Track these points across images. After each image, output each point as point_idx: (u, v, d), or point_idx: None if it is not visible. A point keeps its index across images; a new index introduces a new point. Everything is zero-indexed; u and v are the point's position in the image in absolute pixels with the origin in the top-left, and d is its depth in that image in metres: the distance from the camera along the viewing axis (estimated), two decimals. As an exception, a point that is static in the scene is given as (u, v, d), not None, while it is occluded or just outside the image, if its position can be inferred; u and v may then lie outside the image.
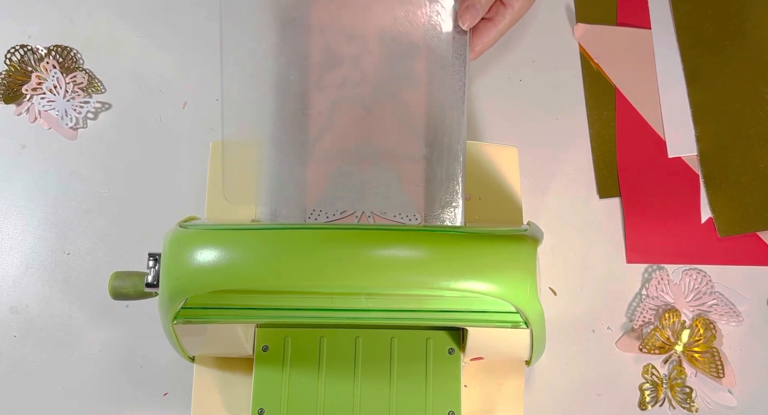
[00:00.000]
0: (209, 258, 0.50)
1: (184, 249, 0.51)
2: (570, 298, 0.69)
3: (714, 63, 0.74)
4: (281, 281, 0.50)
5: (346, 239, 0.51)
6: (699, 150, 0.72)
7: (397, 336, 0.62)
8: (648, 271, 0.70)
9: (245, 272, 0.50)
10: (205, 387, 0.64)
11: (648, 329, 0.68)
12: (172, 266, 0.51)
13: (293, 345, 0.62)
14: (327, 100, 0.62)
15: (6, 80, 0.74)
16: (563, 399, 0.67)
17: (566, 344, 0.68)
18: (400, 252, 0.50)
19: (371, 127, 0.63)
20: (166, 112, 0.73)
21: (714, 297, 0.69)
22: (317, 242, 0.50)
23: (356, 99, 0.63)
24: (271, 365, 0.62)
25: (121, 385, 0.67)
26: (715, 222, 0.71)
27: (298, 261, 0.50)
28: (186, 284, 0.51)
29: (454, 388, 0.61)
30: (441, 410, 0.61)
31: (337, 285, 0.54)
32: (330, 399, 0.61)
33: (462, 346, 0.62)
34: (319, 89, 0.62)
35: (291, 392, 0.61)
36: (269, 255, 0.50)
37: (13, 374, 0.68)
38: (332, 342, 0.62)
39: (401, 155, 0.63)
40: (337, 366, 0.61)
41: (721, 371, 0.66)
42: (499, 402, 0.64)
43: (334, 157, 0.63)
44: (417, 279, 0.51)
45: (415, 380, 0.61)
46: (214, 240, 0.51)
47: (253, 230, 0.53)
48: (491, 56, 0.75)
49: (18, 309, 0.69)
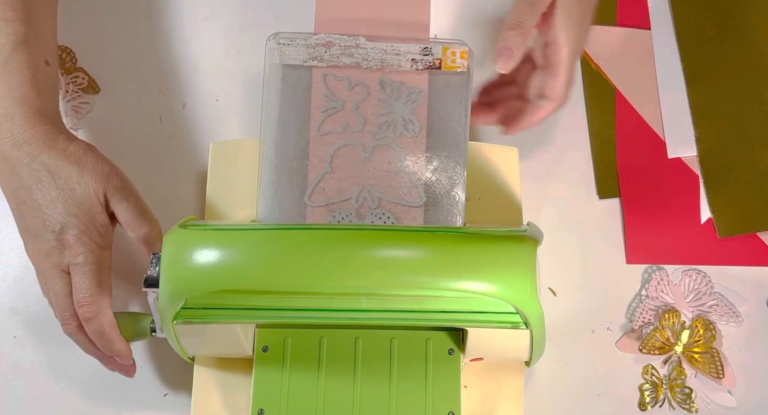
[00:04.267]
0: (209, 258, 0.50)
1: (184, 250, 0.51)
2: (570, 298, 0.69)
3: (714, 63, 0.74)
4: (281, 282, 0.50)
5: (345, 239, 0.51)
6: (699, 151, 0.72)
7: (397, 337, 0.62)
8: (648, 271, 0.70)
9: (245, 272, 0.50)
10: (205, 387, 0.64)
11: (648, 330, 0.68)
12: (172, 266, 0.51)
13: (293, 346, 0.62)
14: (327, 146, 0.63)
15: (6, 81, 0.73)
16: (563, 400, 0.67)
17: (566, 344, 0.68)
18: (399, 252, 0.50)
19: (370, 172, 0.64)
20: (166, 113, 0.73)
21: (714, 298, 0.69)
22: (317, 242, 0.50)
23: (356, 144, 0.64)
24: (271, 366, 0.62)
25: (121, 386, 0.67)
26: (714, 222, 0.71)
27: (298, 261, 0.50)
28: (186, 285, 0.51)
29: (453, 388, 0.61)
30: (441, 410, 0.61)
31: (337, 285, 0.54)
32: (330, 399, 0.61)
33: (462, 347, 0.62)
34: (320, 135, 0.63)
35: (291, 392, 0.61)
36: (269, 255, 0.50)
37: (14, 374, 0.68)
38: (332, 343, 0.62)
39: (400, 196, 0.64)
40: (337, 367, 0.61)
41: (720, 371, 0.66)
42: (499, 403, 0.64)
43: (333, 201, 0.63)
44: (417, 279, 0.51)
45: (415, 380, 0.61)
46: (213, 240, 0.51)
47: (253, 230, 0.53)
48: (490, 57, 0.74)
49: (18, 310, 0.69)
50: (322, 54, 0.64)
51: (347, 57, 0.64)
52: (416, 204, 0.64)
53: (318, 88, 0.63)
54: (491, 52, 0.69)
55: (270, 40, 0.64)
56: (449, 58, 0.64)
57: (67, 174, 0.59)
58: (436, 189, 0.64)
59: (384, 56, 0.64)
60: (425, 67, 0.64)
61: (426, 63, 0.64)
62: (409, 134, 0.64)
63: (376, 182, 0.63)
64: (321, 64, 0.64)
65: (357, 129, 0.64)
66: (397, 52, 0.64)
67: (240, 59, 0.75)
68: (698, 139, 0.73)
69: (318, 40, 0.64)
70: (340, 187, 0.63)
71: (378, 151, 0.64)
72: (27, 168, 0.58)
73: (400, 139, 0.64)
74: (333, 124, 0.64)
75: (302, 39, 0.64)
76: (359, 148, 0.63)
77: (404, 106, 0.63)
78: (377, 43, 0.64)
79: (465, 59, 0.64)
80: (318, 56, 0.64)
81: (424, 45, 0.64)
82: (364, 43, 0.64)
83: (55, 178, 0.58)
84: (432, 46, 0.64)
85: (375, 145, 0.64)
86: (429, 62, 0.64)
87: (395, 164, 0.63)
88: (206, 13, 0.76)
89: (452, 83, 0.64)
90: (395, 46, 0.64)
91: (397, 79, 0.64)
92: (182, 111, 0.73)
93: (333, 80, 0.63)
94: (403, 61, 0.64)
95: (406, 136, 0.64)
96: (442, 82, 0.64)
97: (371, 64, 0.64)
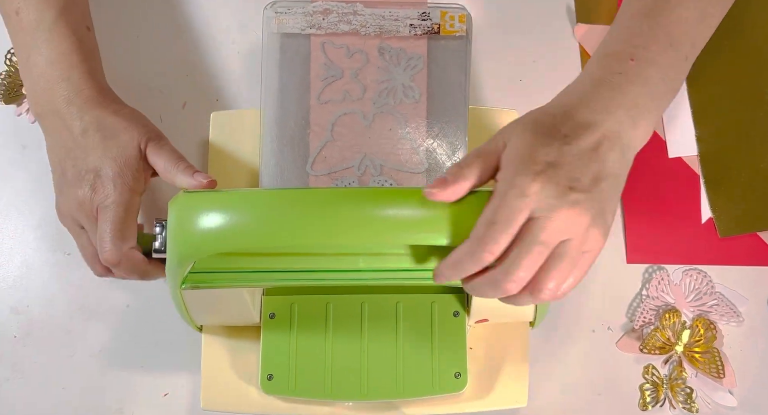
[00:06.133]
0: (215, 220, 0.50)
1: (190, 212, 0.51)
2: (570, 298, 0.69)
3: (714, 63, 0.74)
4: (285, 240, 0.50)
5: (348, 196, 0.50)
6: (699, 150, 0.72)
7: (403, 301, 0.62)
8: (648, 271, 0.70)
9: (251, 231, 0.50)
10: (214, 356, 0.64)
11: (648, 330, 0.68)
12: (179, 229, 0.51)
13: (300, 312, 0.62)
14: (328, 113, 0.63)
15: (6, 80, 0.74)
16: (563, 399, 0.67)
17: (566, 344, 0.68)
18: (401, 210, 0.50)
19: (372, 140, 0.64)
20: (167, 112, 0.73)
21: (714, 297, 0.69)
22: (320, 200, 0.50)
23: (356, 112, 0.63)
24: (279, 332, 0.62)
25: (121, 385, 0.67)
26: (715, 222, 0.71)
27: (301, 219, 0.50)
28: (193, 247, 0.51)
29: (459, 350, 0.62)
30: (447, 371, 0.61)
31: (340, 242, 0.53)
32: (337, 363, 0.62)
33: (467, 309, 0.62)
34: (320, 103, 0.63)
35: (299, 357, 0.62)
36: (273, 214, 0.50)
37: (14, 374, 0.68)
38: (338, 308, 0.62)
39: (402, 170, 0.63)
40: (344, 331, 0.62)
41: (721, 371, 0.66)
42: (504, 363, 0.64)
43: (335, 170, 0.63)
44: (416, 236, 0.50)
45: (421, 343, 0.62)
46: (219, 202, 0.51)
47: (257, 192, 0.53)
48: (491, 57, 0.74)
49: (19, 310, 0.69)
50: (320, 22, 0.63)
51: (345, 24, 0.63)
52: (418, 170, 0.64)
53: (317, 56, 0.63)
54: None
55: (267, 9, 0.64)
56: (447, 22, 0.64)
57: (114, 124, 0.62)
58: (437, 155, 0.63)
59: (382, 22, 0.63)
60: (424, 33, 0.63)
61: (424, 28, 0.63)
62: (409, 101, 0.64)
63: (378, 150, 0.63)
64: (319, 32, 0.64)
65: (357, 97, 0.64)
66: (395, 18, 0.63)
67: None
68: (699, 138, 0.73)
69: (315, 8, 0.63)
70: (342, 155, 0.63)
71: (379, 119, 0.64)
72: (78, 120, 0.61)
73: (401, 106, 0.64)
74: (333, 92, 0.64)
75: (299, 7, 0.64)
76: (360, 115, 0.63)
77: (404, 72, 0.63)
78: (375, 9, 0.64)
79: (464, 23, 0.64)
80: (316, 24, 0.63)
81: (422, 10, 0.64)
82: (361, 10, 0.63)
83: (102, 128, 0.61)
84: (430, 10, 0.64)
85: (375, 113, 0.63)
86: (428, 27, 0.63)
87: (396, 131, 0.63)
88: (207, 12, 0.76)
89: (451, 48, 0.63)
90: (393, 12, 0.64)
91: (396, 45, 0.64)
92: (182, 111, 0.73)
93: (331, 48, 0.63)
94: (401, 27, 0.64)
95: (407, 103, 0.64)
96: (441, 47, 0.64)
97: (369, 31, 0.63)
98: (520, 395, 0.63)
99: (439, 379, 0.61)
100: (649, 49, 0.55)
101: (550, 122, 0.51)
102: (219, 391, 0.63)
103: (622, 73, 0.54)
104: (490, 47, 0.74)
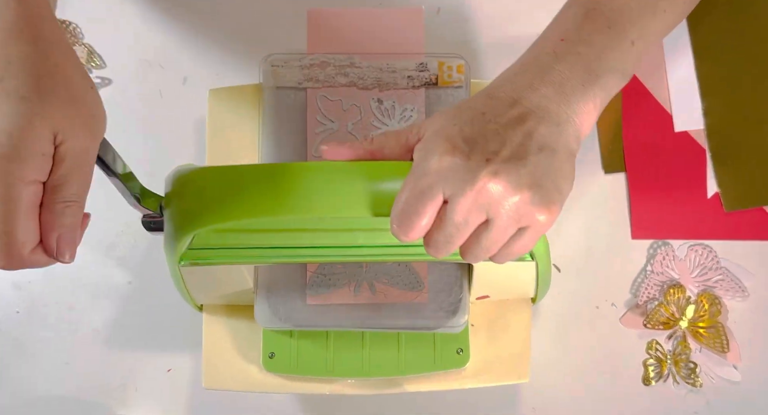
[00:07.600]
0: (212, 193, 0.50)
1: (187, 186, 0.51)
2: (574, 274, 0.69)
3: (722, 36, 0.73)
4: (282, 212, 0.50)
5: (347, 169, 0.50)
6: (706, 124, 0.71)
7: None
8: (653, 247, 0.69)
9: (248, 204, 0.49)
10: (215, 335, 0.64)
11: (653, 305, 0.67)
12: (176, 203, 0.51)
13: None
14: None
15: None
16: (567, 375, 0.67)
17: (570, 320, 0.68)
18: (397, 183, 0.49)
19: None
20: (167, 88, 0.73)
21: (719, 272, 0.68)
22: (316, 172, 0.50)
23: None
24: None
25: (124, 362, 0.68)
26: (721, 197, 0.70)
27: (298, 190, 0.49)
28: (191, 220, 0.51)
29: None
30: (450, 347, 0.62)
31: (339, 215, 0.52)
32: (339, 340, 0.62)
33: (468, 285, 0.62)
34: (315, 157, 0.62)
35: (300, 334, 0.62)
36: (270, 186, 0.50)
37: (17, 350, 0.68)
38: None
39: None
40: None
41: (726, 346, 0.66)
42: (506, 340, 0.64)
43: None
44: None
45: None
46: (216, 176, 0.51)
47: (254, 165, 0.53)
48: (493, 56, 0.74)
49: (21, 285, 0.69)
50: (317, 74, 0.63)
51: (342, 76, 0.63)
52: None
53: (313, 110, 0.63)
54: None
55: (264, 63, 0.63)
56: (446, 73, 0.63)
57: None
58: None
59: (380, 75, 0.63)
60: (421, 84, 0.63)
61: (422, 79, 0.63)
62: None
63: None
64: (316, 85, 0.63)
65: None
66: (392, 70, 0.63)
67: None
68: (706, 112, 0.72)
69: (312, 60, 0.63)
70: None
71: None
72: None
73: None
74: None
75: (296, 60, 0.63)
76: None
77: (398, 124, 0.62)
78: (372, 62, 0.63)
79: (462, 73, 0.63)
80: (313, 77, 0.63)
81: (420, 60, 0.63)
82: (359, 62, 0.63)
83: None
84: (427, 61, 0.63)
85: None
86: (425, 78, 0.63)
87: None
88: None
89: (449, 99, 0.63)
90: (390, 64, 0.63)
91: (392, 97, 0.63)
92: (182, 86, 0.73)
93: (327, 101, 0.63)
94: (399, 79, 0.63)
95: None
96: (440, 98, 0.63)
97: (367, 84, 0.63)
98: (522, 370, 0.63)
99: (441, 355, 0.61)
100: (583, 29, 0.53)
101: (470, 105, 0.50)
102: (220, 370, 0.64)
103: (550, 53, 0.52)
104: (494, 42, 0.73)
